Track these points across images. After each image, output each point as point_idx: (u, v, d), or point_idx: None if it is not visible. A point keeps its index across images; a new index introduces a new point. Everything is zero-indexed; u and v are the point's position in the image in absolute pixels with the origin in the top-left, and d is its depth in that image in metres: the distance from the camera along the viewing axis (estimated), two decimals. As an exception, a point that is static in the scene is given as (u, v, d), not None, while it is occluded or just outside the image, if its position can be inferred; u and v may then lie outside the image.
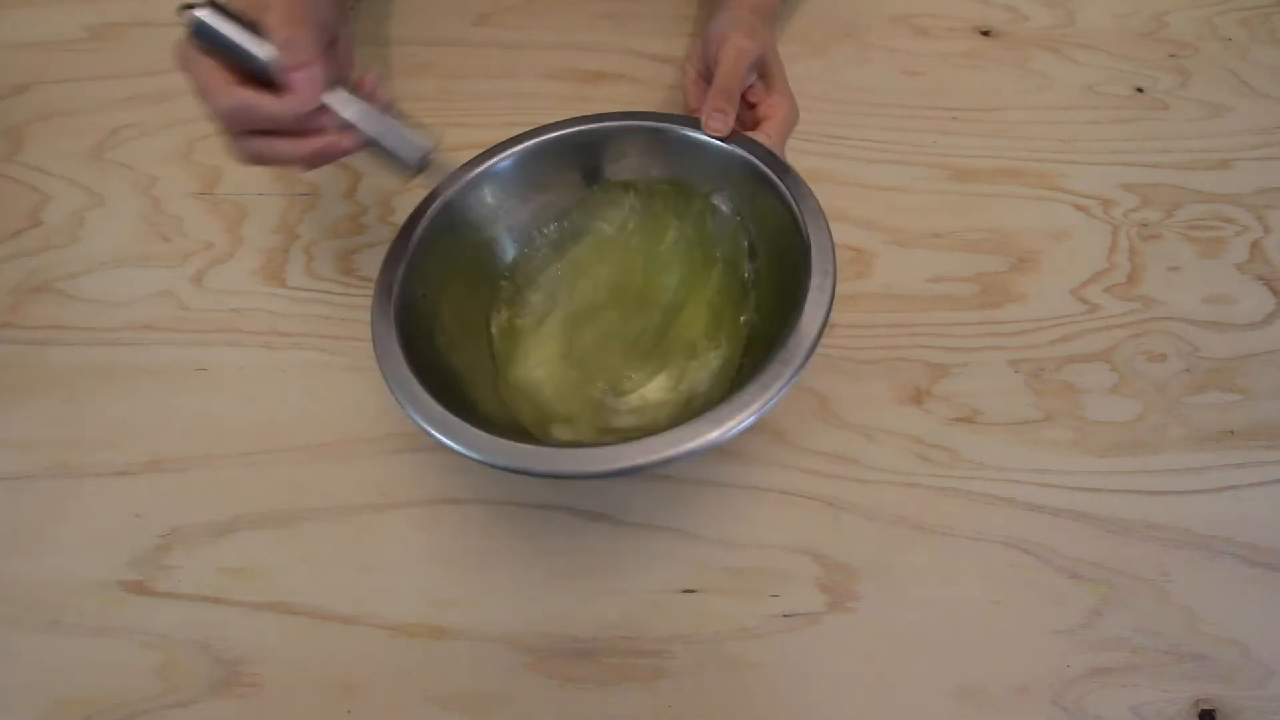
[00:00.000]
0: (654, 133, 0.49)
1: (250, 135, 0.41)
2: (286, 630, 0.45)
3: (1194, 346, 0.52)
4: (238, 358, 0.51)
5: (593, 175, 0.50)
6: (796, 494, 0.48)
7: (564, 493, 0.48)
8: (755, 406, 0.38)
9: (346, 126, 0.42)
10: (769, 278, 0.47)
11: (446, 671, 0.44)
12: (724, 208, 0.49)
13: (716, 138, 0.46)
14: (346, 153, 0.42)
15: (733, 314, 0.48)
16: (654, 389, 0.47)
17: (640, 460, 0.37)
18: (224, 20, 0.40)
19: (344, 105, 0.42)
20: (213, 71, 0.40)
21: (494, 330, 0.49)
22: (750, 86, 0.50)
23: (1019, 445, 0.49)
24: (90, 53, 0.61)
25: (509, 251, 0.50)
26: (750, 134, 0.47)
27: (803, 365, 0.39)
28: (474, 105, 0.60)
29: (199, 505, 0.47)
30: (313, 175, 0.57)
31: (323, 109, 0.41)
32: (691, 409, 0.44)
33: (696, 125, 0.48)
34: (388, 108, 0.43)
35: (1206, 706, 0.43)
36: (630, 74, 0.61)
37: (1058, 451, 0.49)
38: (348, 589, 0.46)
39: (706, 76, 0.51)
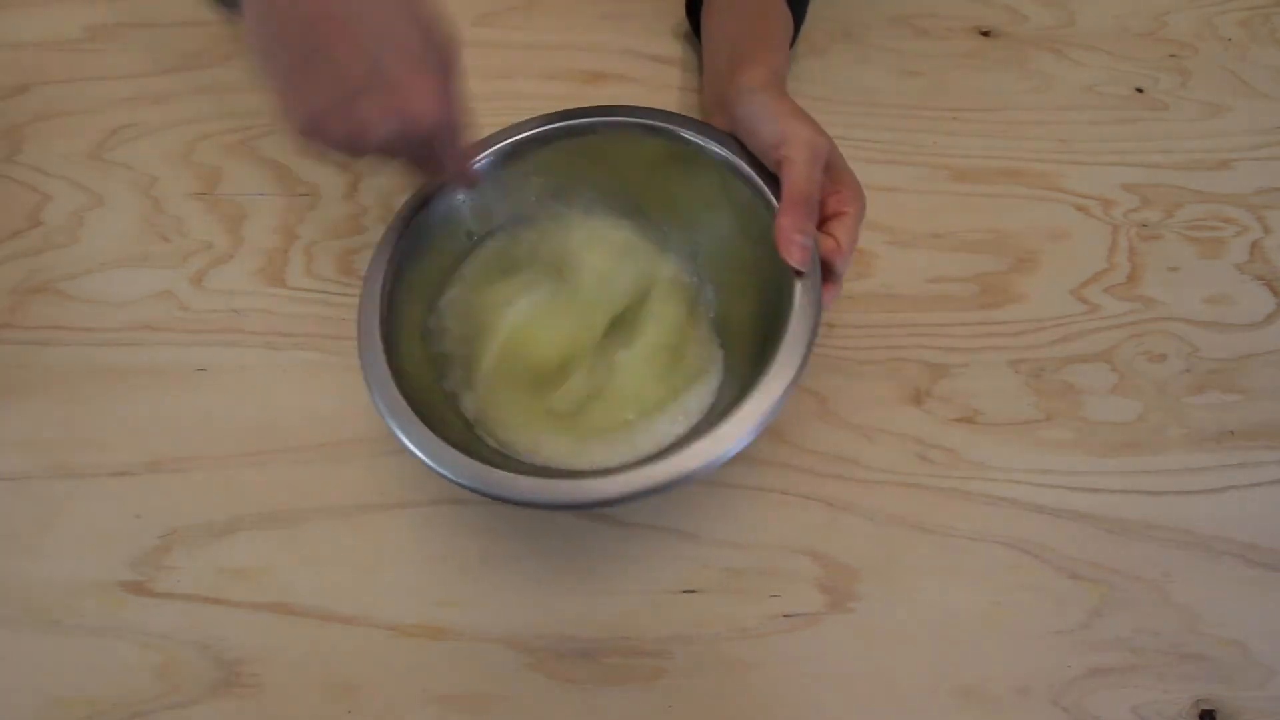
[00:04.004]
0: (646, 130, 0.47)
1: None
2: (286, 630, 0.45)
3: (1194, 346, 0.52)
4: (238, 358, 0.51)
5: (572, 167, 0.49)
6: (796, 494, 0.48)
7: (564, 493, 0.48)
8: (748, 427, 0.38)
9: None
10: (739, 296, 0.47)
11: (446, 671, 0.44)
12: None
13: (799, 269, 0.40)
14: None
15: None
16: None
17: (635, 488, 0.37)
18: None
19: None
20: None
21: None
22: None
23: (1019, 445, 0.49)
24: (90, 53, 0.61)
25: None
26: (820, 233, 0.42)
27: (798, 377, 0.39)
28: (474, 105, 0.60)
29: (199, 505, 0.47)
30: (313, 175, 0.57)
31: None
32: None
33: (678, 120, 0.46)
34: None
35: (1207, 707, 0.43)
36: (630, 74, 0.61)
37: (1058, 451, 0.49)
38: (348, 589, 0.46)
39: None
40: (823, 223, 0.43)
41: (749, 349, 0.44)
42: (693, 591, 0.46)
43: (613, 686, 0.43)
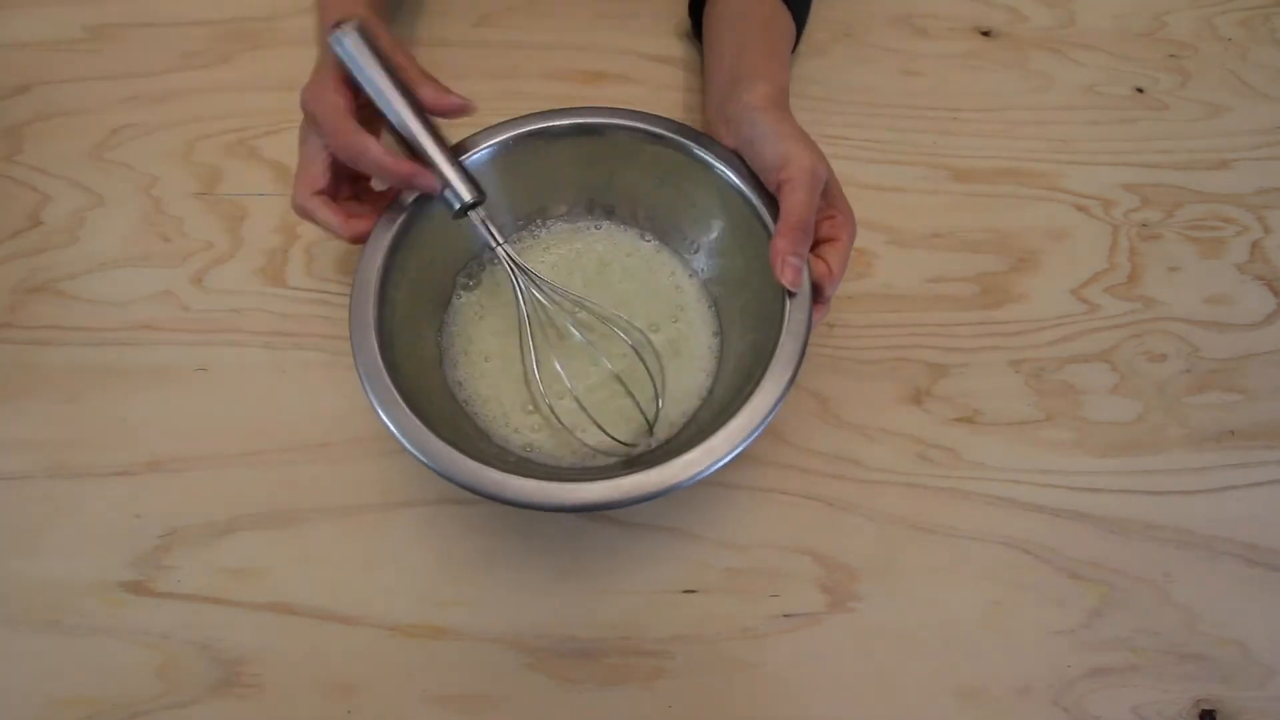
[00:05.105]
0: (654, 138, 0.47)
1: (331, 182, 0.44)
2: (286, 630, 0.45)
3: (1194, 346, 0.52)
4: (238, 358, 0.51)
5: (581, 169, 0.49)
6: (796, 494, 0.48)
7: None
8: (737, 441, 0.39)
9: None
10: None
11: (446, 671, 0.44)
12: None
13: (792, 290, 0.41)
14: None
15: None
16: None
17: (638, 493, 0.38)
18: (368, 53, 0.41)
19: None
20: (338, 113, 0.42)
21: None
22: None
23: (1019, 445, 0.49)
24: (90, 53, 0.61)
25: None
26: (812, 256, 0.43)
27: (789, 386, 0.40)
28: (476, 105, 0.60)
29: (199, 505, 0.47)
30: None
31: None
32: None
33: (689, 134, 0.46)
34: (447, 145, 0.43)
35: (1207, 706, 0.43)
36: (630, 74, 0.61)
37: (1058, 451, 0.49)
38: (348, 589, 0.46)
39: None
40: (815, 245, 0.43)
41: (741, 361, 0.45)
42: (693, 591, 0.46)
43: (613, 686, 0.44)
